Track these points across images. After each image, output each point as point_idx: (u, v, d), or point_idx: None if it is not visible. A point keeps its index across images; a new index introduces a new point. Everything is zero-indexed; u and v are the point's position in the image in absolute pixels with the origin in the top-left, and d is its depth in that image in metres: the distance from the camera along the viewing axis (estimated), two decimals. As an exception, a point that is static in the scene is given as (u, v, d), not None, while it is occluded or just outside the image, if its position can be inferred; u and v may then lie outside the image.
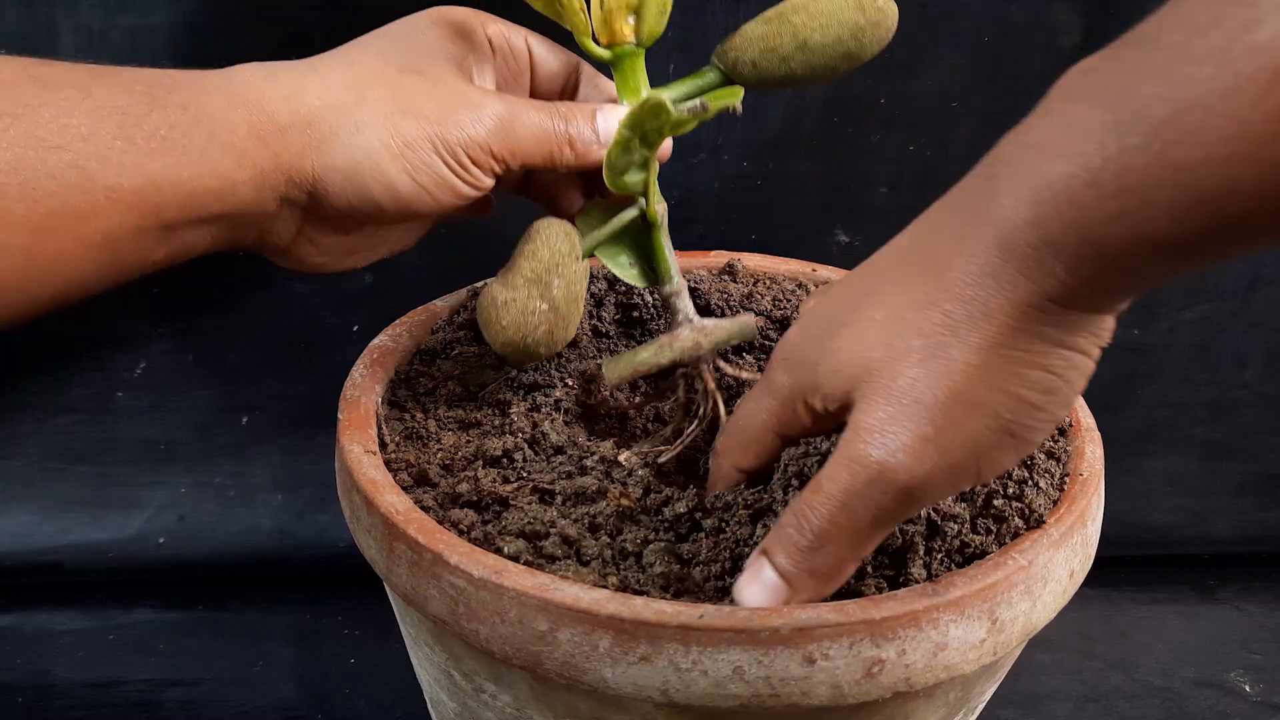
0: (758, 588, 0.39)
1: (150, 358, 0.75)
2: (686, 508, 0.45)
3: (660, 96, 0.42)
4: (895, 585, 0.41)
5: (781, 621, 0.38)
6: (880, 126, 0.70)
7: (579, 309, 0.47)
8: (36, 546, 0.76)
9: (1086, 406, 0.51)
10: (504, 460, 0.47)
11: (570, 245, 0.47)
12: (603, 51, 0.48)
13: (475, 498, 0.45)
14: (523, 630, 0.40)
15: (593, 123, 0.48)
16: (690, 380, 0.50)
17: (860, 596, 0.40)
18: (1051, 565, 0.42)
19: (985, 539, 0.43)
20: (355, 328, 0.76)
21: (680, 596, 0.42)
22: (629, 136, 0.44)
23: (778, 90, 0.51)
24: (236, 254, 0.49)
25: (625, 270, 0.50)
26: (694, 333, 0.49)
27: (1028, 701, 0.70)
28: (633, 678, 0.39)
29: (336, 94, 0.44)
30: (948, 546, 0.42)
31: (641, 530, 0.45)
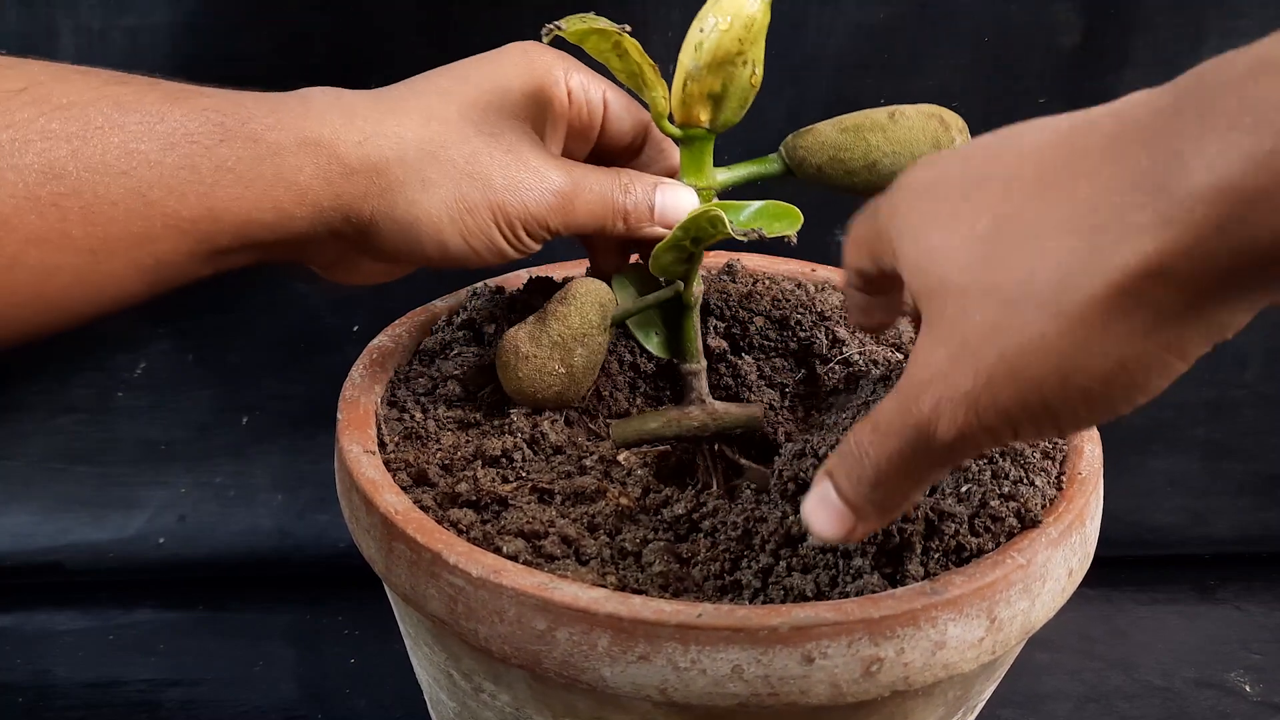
0: (825, 514, 0.38)
1: (150, 358, 0.75)
2: (685, 508, 0.45)
3: (720, 212, 0.44)
4: (894, 584, 0.41)
5: (780, 620, 0.38)
6: (880, 126, 0.70)
7: (594, 375, 0.49)
8: (37, 546, 0.76)
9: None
10: (503, 460, 0.47)
11: (602, 317, 0.48)
12: (675, 130, 0.48)
13: (474, 497, 0.45)
14: (521, 629, 0.40)
15: (651, 198, 0.48)
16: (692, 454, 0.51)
17: (859, 596, 0.40)
18: (1050, 564, 0.42)
19: (982, 538, 0.42)
20: (355, 328, 0.76)
21: (679, 596, 0.42)
22: (681, 238, 0.45)
23: (782, 85, 0.51)
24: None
25: (650, 341, 0.52)
26: (704, 414, 0.50)
27: (1028, 701, 0.70)
28: (631, 677, 0.39)
29: (410, 148, 0.45)
30: (944, 546, 0.42)
31: (640, 530, 0.45)
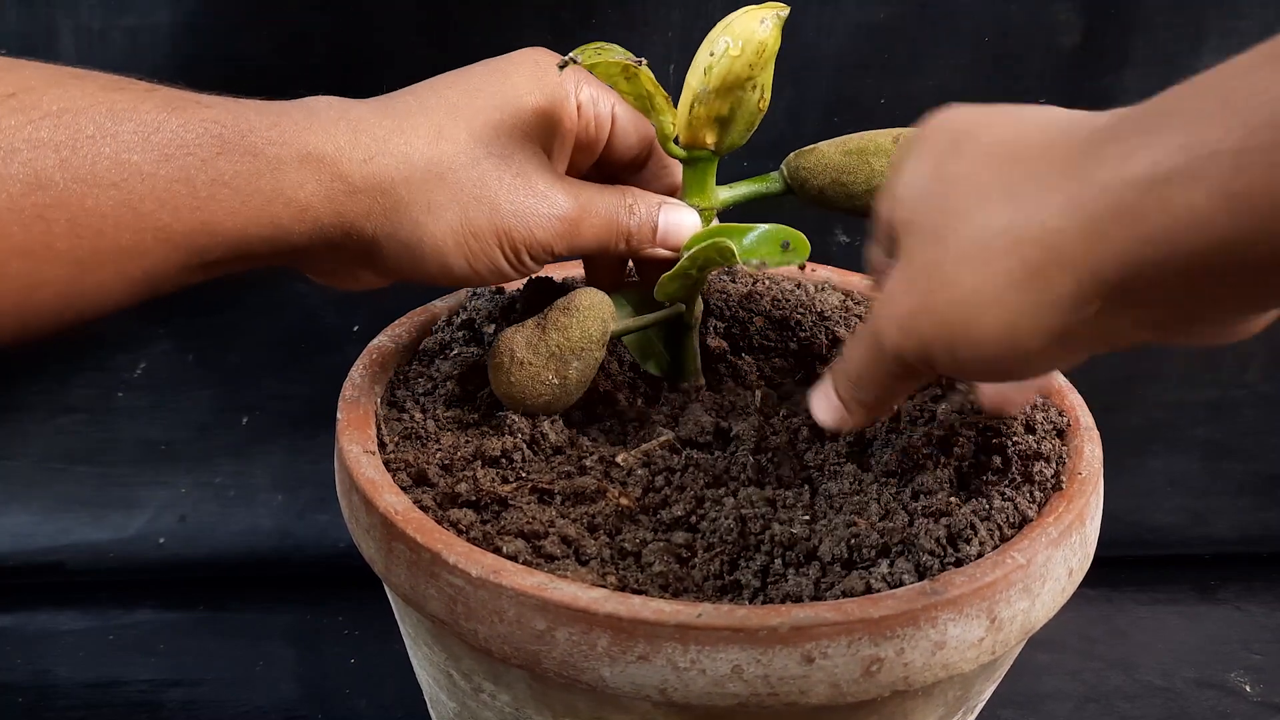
0: (824, 405, 0.42)
1: (150, 358, 0.75)
2: (685, 509, 0.45)
3: (730, 244, 0.44)
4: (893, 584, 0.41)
5: (780, 620, 0.38)
6: (881, 126, 0.70)
7: (585, 387, 0.49)
8: (37, 546, 0.76)
9: (1086, 406, 0.50)
10: (503, 460, 0.47)
11: (602, 332, 0.48)
12: (680, 152, 0.48)
13: (474, 497, 0.45)
14: (521, 629, 0.40)
15: (655, 219, 0.48)
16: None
17: (859, 595, 0.40)
18: (1050, 564, 0.42)
19: (978, 539, 0.42)
20: (355, 328, 0.76)
21: (679, 596, 0.42)
22: (689, 267, 0.46)
23: (782, 85, 0.51)
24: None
25: (647, 362, 0.52)
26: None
27: (1028, 701, 0.70)
28: (631, 677, 0.39)
29: (417, 169, 0.44)
30: (941, 547, 0.42)
31: (640, 530, 0.45)
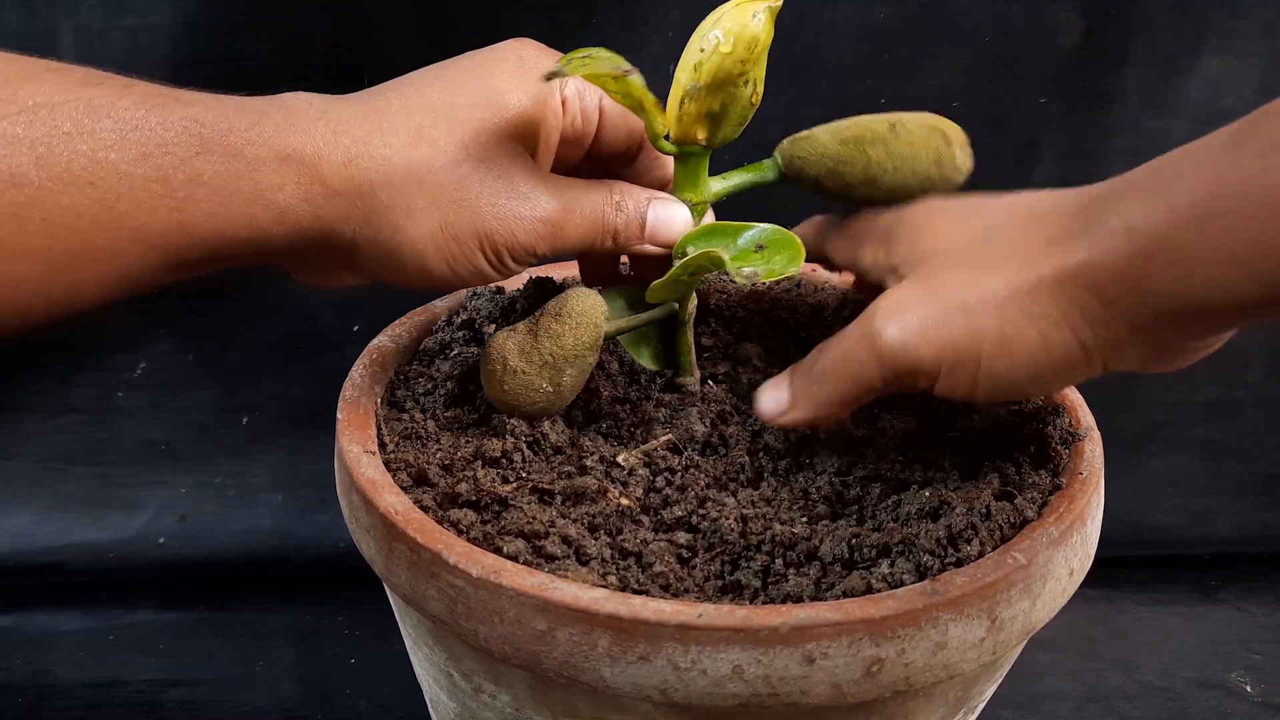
0: (769, 394, 0.45)
1: (150, 358, 0.75)
2: (686, 510, 0.45)
3: (722, 253, 0.44)
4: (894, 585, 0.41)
5: (780, 621, 0.38)
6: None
7: (579, 390, 0.48)
8: (37, 546, 0.76)
9: (1086, 406, 0.50)
10: (503, 460, 0.47)
11: (595, 337, 0.47)
12: (671, 148, 0.47)
13: (474, 498, 0.45)
14: (521, 630, 0.40)
15: (643, 215, 0.48)
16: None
17: (859, 595, 0.40)
18: (1051, 564, 0.42)
19: (979, 539, 0.42)
20: (355, 328, 0.76)
21: (680, 596, 0.42)
22: (680, 274, 0.45)
23: (782, 85, 0.51)
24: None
25: (643, 355, 0.52)
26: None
27: (1028, 702, 0.70)
28: (631, 677, 0.39)
29: (397, 172, 0.43)
30: (941, 547, 0.42)
31: (641, 530, 0.45)
